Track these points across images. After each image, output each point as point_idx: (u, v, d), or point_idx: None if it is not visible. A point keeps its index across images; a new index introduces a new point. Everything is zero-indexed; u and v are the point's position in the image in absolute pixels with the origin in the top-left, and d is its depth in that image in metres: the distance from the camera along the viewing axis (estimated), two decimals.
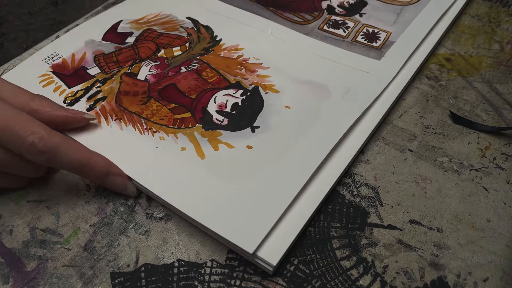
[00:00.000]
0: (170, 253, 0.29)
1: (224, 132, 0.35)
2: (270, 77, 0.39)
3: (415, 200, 0.32)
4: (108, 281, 0.28)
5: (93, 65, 0.40)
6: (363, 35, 0.43)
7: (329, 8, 0.47)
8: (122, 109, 0.36)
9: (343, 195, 0.32)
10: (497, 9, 0.47)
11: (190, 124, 0.35)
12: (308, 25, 0.44)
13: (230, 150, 0.33)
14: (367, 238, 0.30)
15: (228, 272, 0.29)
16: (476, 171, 0.33)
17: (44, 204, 0.32)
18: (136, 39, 0.43)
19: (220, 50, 0.42)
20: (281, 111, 0.36)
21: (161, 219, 0.31)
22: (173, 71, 0.40)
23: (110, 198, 0.32)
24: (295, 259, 0.29)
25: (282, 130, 0.35)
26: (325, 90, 0.38)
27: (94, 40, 0.43)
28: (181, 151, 0.33)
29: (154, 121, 0.35)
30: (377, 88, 0.37)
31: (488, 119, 0.37)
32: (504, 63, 0.41)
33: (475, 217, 0.31)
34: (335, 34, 0.43)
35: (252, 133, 0.34)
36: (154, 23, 0.45)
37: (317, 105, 0.36)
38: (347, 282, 0.28)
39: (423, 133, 0.36)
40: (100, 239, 0.30)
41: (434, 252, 0.29)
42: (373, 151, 0.35)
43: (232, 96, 0.37)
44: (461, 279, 0.28)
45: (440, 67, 0.41)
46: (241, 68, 0.40)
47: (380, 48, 0.41)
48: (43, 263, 0.29)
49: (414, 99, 0.38)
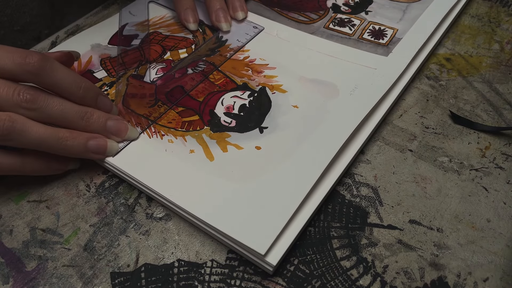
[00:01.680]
0: (170, 253, 0.29)
1: (232, 133, 0.35)
2: (277, 77, 0.39)
3: (415, 200, 0.32)
4: (108, 281, 0.28)
5: (100, 68, 0.40)
6: (369, 32, 0.43)
7: (334, 6, 0.47)
8: (130, 111, 0.36)
9: (343, 195, 0.32)
10: (497, 9, 0.47)
11: (198, 126, 0.35)
12: (313, 24, 0.44)
13: (239, 151, 0.33)
14: (367, 238, 0.30)
15: (228, 272, 0.29)
16: (476, 171, 0.33)
17: (44, 204, 0.32)
18: (141, 41, 0.43)
19: (226, 51, 0.42)
20: (289, 111, 0.36)
21: (161, 219, 0.31)
22: (180, 73, 0.40)
23: (110, 198, 0.32)
24: (295, 259, 0.29)
25: (291, 130, 0.35)
26: (332, 88, 0.37)
27: (100, 44, 0.43)
28: (190, 154, 0.33)
29: (162, 124, 0.35)
30: (386, 84, 0.37)
31: (488, 119, 0.37)
32: (504, 63, 0.41)
33: (475, 217, 0.31)
34: (341, 32, 0.43)
35: (261, 134, 0.34)
36: (160, 25, 0.45)
37: (325, 104, 0.36)
38: (347, 282, 0.28)
39: (423, 133, 0.36)
40: (100, 239, 0.30)
41: (434, 252, 0.29)
42: (373, 151, 0.35)
43: (240, 97, 0.37)
44: (461, 279, 0.28)
45: (440, 67, 0.41)
46: (248, 69, 0.40)
47: (387, 44, 0.41)
48: (43, 263, 0.29)
49: (414, 99, 0.38)
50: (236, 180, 0.31)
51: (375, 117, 0.36)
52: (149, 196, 0.32)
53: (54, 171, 0.33)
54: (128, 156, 0.33)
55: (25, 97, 0.29)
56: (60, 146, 0.30)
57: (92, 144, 0.31)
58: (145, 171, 0.32)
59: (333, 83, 0.38)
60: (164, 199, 0.31)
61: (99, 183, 0.33)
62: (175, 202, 0.30)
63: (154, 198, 0.32)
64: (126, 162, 0.33)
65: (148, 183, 0.31)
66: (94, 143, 0.31)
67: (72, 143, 0.30)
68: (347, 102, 0.36)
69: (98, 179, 0.34)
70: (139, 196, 0.32)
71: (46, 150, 0.30)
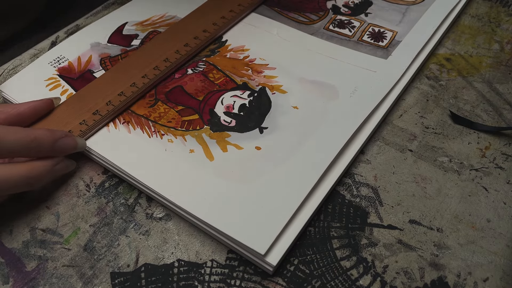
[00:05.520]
0: (170, 253, 0.29)
1: (232, 133, 0.35)
2: (277, 77, 0.39)
3: (415, 200, 0.32)
4: (108, 281, 0.28)
5: (100, 68, 0.40)
6: (369, 34, 0.43)
7: (334, 8, 0.47)
8: (130, 112, 0.36)
9: (343, 195, 0.32)
10: (497, 9, 0.47)
11: (198, 126, 0.35)
12: (313, 25, 0.44)
13: (238, 151, 0.33)
14: (367, 238, 0.30)
15: (228, 272, 0.29)
16: (476, 171, 0.33)
17: (44, 204, 0.32)
18: (141, 41, 0.43)
19: (226, 51, 0.42)
20: (289, 111, 0.36)
21: (161, 219, 0.31)
22: (180, 73, 0.40)
23: (110, 198, 0.32)
24: (295, 259, 0.29)
25: (291, 130, 0.35)
26: (332, 89, 0.37)
27: (99, 43, 0.43)
28: (190, 153, 0.33)
29: (162, 124, 0.35)
30: (385, 87, 0.37)
31: (488, 119, 0.37)
32: (504, 63, 0.41)
33: (475, 217, 0.31)
34: (341, 33, 0.43)
35: (261, 134, 0.34)
36: (159, 25, 0.45)
37: (325, 105, 0.36)
38: (347, 282, 0.28)
39: (423, 133, 0.36)
40: (100, 239, 0.30)
41: (434, 252, 0.29)
42: (373, 151, 0.35)
43: (239, 97, 0.37)
44: (461, 279, 0.28)
45: (440, 67, 0.41)
46: (248, 69, 0.40)
47: (387, 47, 0.41)
48: (43, 263, 0.29)
49: (414, 99, 0.38)
50: (236, 180, 0.31)
51: (375, 117, 0.36)
52: (149, 196, 0.32)
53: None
54: (128, 156, 0.33)
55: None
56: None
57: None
58: (145, 171, 0.32)
59: (333, 84, 0.38)
60: (164, 199, 0.31)
61: (99, 183, 0.33)
62: (175, 202, 0.30)
63: (154, 198, 0.32)
64: (126, 161, 0.33)
65: (148, 183, 0.31)
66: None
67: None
68: (347, 104, 0.36)
69: (98, 179, 0.34)
70: (139, 196, 0.33)
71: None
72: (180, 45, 0.41)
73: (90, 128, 0.34)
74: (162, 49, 0.41)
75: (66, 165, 0.32)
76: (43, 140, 0.30)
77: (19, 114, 0.33)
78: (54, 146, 0.30)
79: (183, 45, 0.41)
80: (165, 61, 0.39)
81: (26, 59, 0.43)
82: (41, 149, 0.30)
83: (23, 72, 0.40)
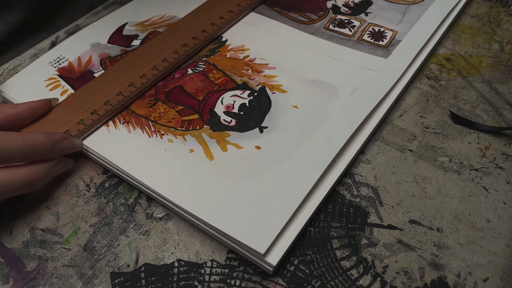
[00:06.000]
0: (170, 253, 0.29)
1: (232, 133, 0.35)
2: (277, 77, 0.39)
3: (415, 200, 0.32)
4: (108, 281, 0.28)
5: (100, 68, 0.40)
6: (369, 34, 0.43)
7: (334, 7, 0.47)
8: (130, 112, 0.36)
9: (343, 195, 0.32)
10: (497, 9, 0.47)
11: (198, 125, 0.35)
12: (313, 24, 0.44)
13: (238, 151, 0.33)
14: (367, 238, 0.30)
15: (228, 272, 0.29)
16: (476, 171, 0.33)
17: (44, 204, 0.32)
18: (141, 42, 0.43)
19: (226, 51, 0.42)
20: (289, 111, 0.36)
21: (161, 219, 0.31)
22: (180, 73, 0.40)
23: (110, 198, 0.32)
24: (295, 259, 0.29)
25: (291, 130, 0.35)
26: (332, 89, 0.37)
27: (99, 43, 0.43)
28: (190, 153, 0.33)
29: (162, 124, 0.35)
30: (385, 86, 0.37)
31: (488, 119, 0.37)
32: (504, 63, 0.41)
33: (475, 217, 0.31)
34: (341, 33, 0.43)
35: (261, 134, 0.34)
36: (160, 25, 0.45)
37: (325, 104, 0.36)
38: (347, 282, 0.28)
39: (423, 133, 0.36)
40: (100, 239, 0.30)
41: (434, 252, 0.29)
42: (373, 151, 0.35)
43: (239, 97, 0.37)
44: (461, 279, 0.28)
45: (440, 67, 0.41)
46: (248, 69, 0.40)
47: (387, 46, 0.41)
48: (43, 263, 0.29)
49: (414, 99, 0.38)
50: (236, 179, 0.31)
51: (375, 117, 0.36)
52: (149, 196, 0.32)
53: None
54: (128, 156, 0.33)
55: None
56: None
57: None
58: (145, 171, 0.32)
59: (333, 84, 0.38)
60: (164, 199, 0.31)
61: (99, 183, 0.33)
62: (175, 202, 0.30)
63: (154, 198, 0.32)
64: (126, 161, 0.33)
65: (148, 183, 0.31)
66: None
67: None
68: (347, 104, 0.36)
69: (98, 179, 0.34)
70: (139, 196, 0.33)
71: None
72: (179, 45, 0.41)
73: (87, 128, 0.34)
74: (160, 49, 0.41)
75: (65, 164, 0.32)
76: (42, 145, 0.30)
77: (17, 114, 0.33)
78: (53, 150, 0.31)
79: (182, 45, 0.41)
80: (163, 61, 0.39)
81: (26, 59, 0.43)
82: (40, 153, 0.30)
83: (23, 72, 0.40)
